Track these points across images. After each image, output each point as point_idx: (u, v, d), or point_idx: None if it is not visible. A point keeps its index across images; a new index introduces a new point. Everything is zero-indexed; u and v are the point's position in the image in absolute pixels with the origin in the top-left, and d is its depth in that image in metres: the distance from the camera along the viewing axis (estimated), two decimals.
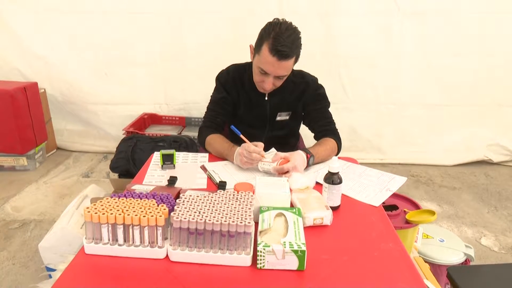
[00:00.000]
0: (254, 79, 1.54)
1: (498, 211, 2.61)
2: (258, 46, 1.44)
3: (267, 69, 1.42)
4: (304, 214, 1.07)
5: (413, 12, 3.03)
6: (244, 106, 1.66)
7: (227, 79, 1.65)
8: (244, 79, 1.64)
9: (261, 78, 1.48)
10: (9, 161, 2.99)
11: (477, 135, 3.33)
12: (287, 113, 1.67)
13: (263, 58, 1.41)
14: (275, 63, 1.39)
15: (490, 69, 3.17)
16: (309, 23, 3.03)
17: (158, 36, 3.12)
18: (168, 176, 1.29)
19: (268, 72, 1.43)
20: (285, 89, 1.62)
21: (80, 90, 3.23)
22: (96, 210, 0.92)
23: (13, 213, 2.42)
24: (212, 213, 0.93)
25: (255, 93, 1.62)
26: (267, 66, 1.41)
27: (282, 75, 1.46)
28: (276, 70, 1.42)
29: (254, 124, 1.68)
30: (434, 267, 1.68)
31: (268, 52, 1.38)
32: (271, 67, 1.41)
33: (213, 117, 1.66)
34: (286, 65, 1.41)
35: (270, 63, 1.40)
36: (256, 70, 1.48)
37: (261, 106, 1.64)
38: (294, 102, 1.65)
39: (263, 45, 1.40)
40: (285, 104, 1.65)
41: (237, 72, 1.66)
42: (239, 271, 0.91)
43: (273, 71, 1.43)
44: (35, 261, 1.97)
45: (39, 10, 3.03)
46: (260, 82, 1.50)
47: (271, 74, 1.44)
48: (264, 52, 1.40)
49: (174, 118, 3.32)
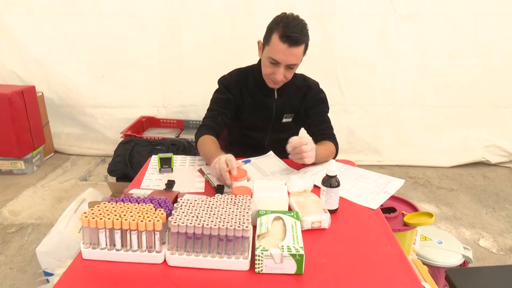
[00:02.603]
0: (264, 73, 1.53)
1: (496, 212, 2.62)
2: (267, 38, 1.45)
3: (278, 57, 1.42)
4: (302, 218, 1.07)
5: (409, 13, 3.04)
6: (248, 108, 1.65)
7: (230, 82, 1.64)
8: (248, 81, 1.63)
9: (272, 69, 1.47)
10: (6, 164, 2.99)
11: (474, 136, 3.34)
12: (291, 115, 1.67)
13: (273, 47, 1.42)
14: (286, 50, 1.40)
15: (487, 70, 3.18)
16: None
17: (155, 39, 3.12)
18: (166, 179, 1.29)
19: (279, 61, 1.43)
20: (290, 90, 1.62)
21: (77, 93, 3.23)
22: (93, 215, 0.91)
23: (11, 217, 2.41)
24: (210, 217, 0.93)
25: (261, 94, 1.61)
26: (278, 54, 1.42)
27: (293, 64, 1.45)
28: (287, 57, 1.42)
29: (257, 127, 1.67)
30: (432, 269, 1.68)
31: (279, 40, 1.39)
32: (282, 55, 1.41)
33: (214, 116, 1.62)
34: (296, 52, 1.42)
35: (281, 51, 1.40)
36: (266, 62, 1.47)
37: (267, 107, 1.63)
38: (297, 104, 1.66)
39: (272, 35, 1.42)
40: (290, 106, 1.65)
41: (240, 76, 1.65)
42: (237, 276, 0.91)
43: (284, 59, 1.42)
44: (32, 266, 1.96)
45: (36, 13, 3.03)
46: (271, 75, 1.49)
47: (282, 63, 1.43)
48: (274, 41, 1.41)
49: (172, 121, 3.32)
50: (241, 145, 1.64)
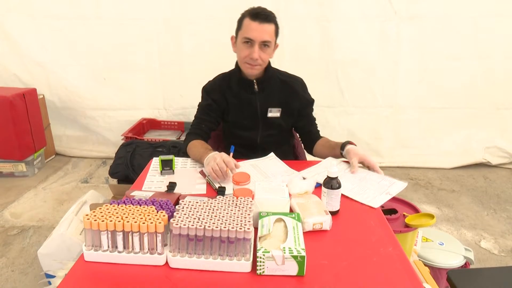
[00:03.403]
0: (241, 58, 1.58)
1: (497, 214, 2.61)
2: (239, 25, 1.55)
3: (251, 35, 1.49)
4: (303, 219, 1.08)
5: (409, 16, 3.05)
6: (234, 109, 1.69)
7: (212, 87, 1.71)
8: (231, 82, 1.68)
9: (248, 50, 1.53)
10: (7, 167, 2.99)
11: (475, 137, 3.34)
12: (278, 110, 1.68)
13: (246, 28, 1.50)
14: (258, 27, 1.48)
15: (487, 71, 3.18)
16: (307, 27, 3.05)
17: (156, 42, 3.13)
18: (167, 181, 1.29)
19: (252, 38, 1.50)
20: (272, 84, 1.66)
21: (79, 96, 3.24)
22: (95, 217, 0.92)
23: (12, 220, 2.41)
24: (212, 219, 0.93)
25: (244, 93, 1.66)
26: (251, 32, 1.49)
27: (266, 40, 1.51)
28: (260, 34, 1.49)
29: (247, 126, 1.71)
30: (434, 271, 1.68)
31: (250, 20, 1.49)
32: (255, 32, 1.49)
33: (198, 124, 1.70)
34: (268, 28, 1.49)
35: (254, 28, 1.48)
36: (241, 45, 1.54)
37: (250, 104, 1.67)
38: (284, 99, 1.68)
39: (243, 20, 1.52)
40: (275, 100, 1.67)
41: (222, 79, 1.72)
42: (239, 277, 0.91)
43: (258, 36, 1.49)
44: (34, 268, 1.96)
45: (37, 16, 3.04)
46: (247, 57, 1.54)
47: (256, 39, 1.49)
48: (245, 23, 1.50)
49: (173, 123, 3.33)
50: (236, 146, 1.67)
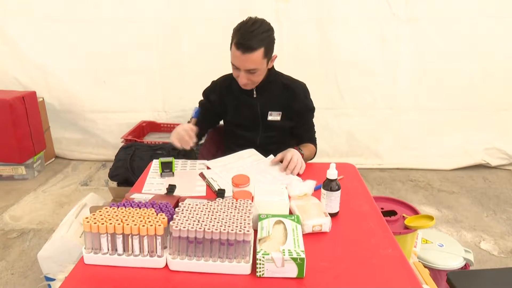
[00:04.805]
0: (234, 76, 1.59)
1: (497, 215, 2.61)
2: (230, 44, 1.52)
3: (235, 63, 1.49)
4: (303, 221, 1.08)
5: (408, 18, 3.05)
6: (233, 109, 1.71)
7: (212, 89, 1.75)
8: (232, 84, 1.68)
9: (236, 73, 1.54)
10: (7, 170, 2.99)
11: (474, 139, 3.34)
12: (278, 113, 1.69)
13: (232, 53, 1.49)
14: (241, 56, 1.45)
15: (486, 73, 3.18)
16: (306, 29, 3.05)
17: (155, 44, 3.13)
18: (167, 184, 1.30)
19: (238, 66, 1.50)
20: (273, 88, 1.66)
21: (78, 99, 3.24)
22: (95, 220, 0.92)
23: (12, 222, 2.41)
24: (211, 221, 0.93)
25: (245, 95, 1.67)
26: (236, 60, 1.49)
27: (251, 69, 1.49)
28: (243, 63, 1.47)
29: (248, 126, 1.72)
30: (433, 272, 1.68)
31: (234, 47, 1.46)
32: (238, 61, 1.48)
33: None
34: (251, 58, 1.45)
35: (237, 57, 1.47)
36: (232, 66, 1.55)
37: (250, 106, 1.67)
38: (285, 103, 1.68)
39: (232, 42, 1.49)
40: (276, 103, 1.68)
41: (224, 80, 1.73)
42: (239, 280, 0.91)
43: (241, 65, 1.48)
44: (34, 271, 1.96)
45: (37, 19, 3.04)
46: (237, 78, 1.56)
47: (241, 68, 1.49)
48: (232, 48, 1.48)
49: (173, 126, 3.33)
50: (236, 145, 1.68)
